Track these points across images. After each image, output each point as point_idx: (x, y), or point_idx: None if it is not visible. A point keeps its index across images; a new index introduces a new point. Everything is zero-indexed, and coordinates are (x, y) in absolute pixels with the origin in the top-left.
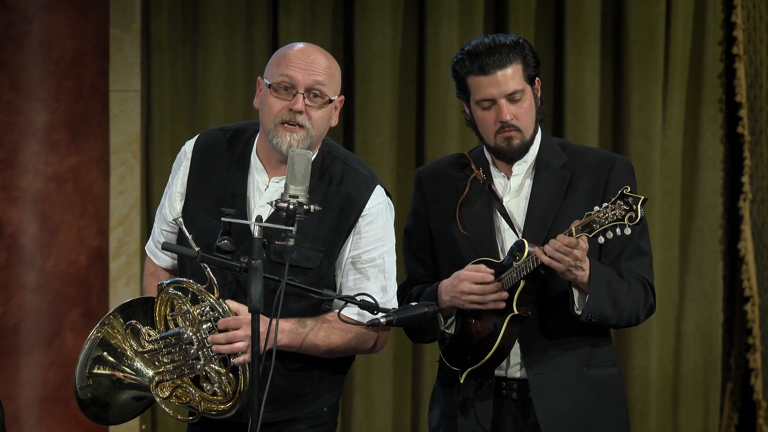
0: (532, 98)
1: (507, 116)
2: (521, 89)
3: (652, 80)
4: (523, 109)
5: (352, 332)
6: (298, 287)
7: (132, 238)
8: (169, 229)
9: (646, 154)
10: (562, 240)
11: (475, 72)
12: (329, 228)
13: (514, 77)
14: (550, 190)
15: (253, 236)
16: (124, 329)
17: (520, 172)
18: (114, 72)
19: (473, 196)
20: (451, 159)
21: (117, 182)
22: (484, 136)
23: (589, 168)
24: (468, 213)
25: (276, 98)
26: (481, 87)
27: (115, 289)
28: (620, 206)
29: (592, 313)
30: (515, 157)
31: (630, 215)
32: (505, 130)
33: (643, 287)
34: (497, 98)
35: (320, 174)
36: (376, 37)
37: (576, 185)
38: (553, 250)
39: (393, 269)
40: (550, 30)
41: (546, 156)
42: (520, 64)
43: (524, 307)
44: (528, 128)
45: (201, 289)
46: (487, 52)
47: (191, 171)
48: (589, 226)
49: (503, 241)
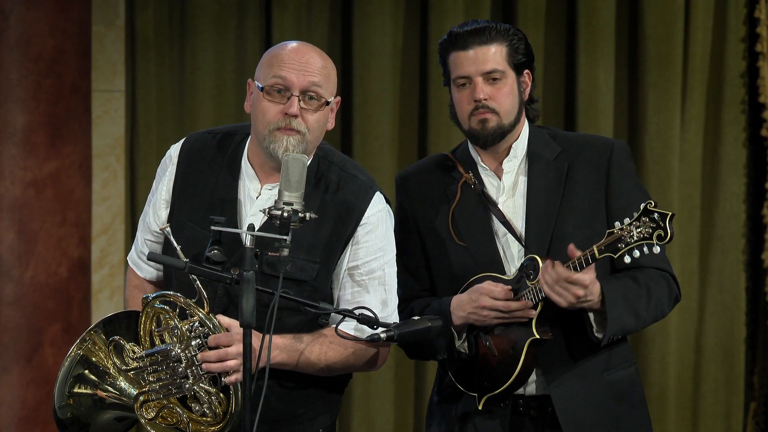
0: (515, 85)
1: (480, 94)
2: (501, 70)
3: (670, 79)
4: (502, 92)
5: (351, 348)
6: (294, 300)
7: (116, 248)
8: (154, 238)
9: (664, 159)
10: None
11: (455, 48)
12: (326, 238)
13: (495, 57)
14: (547, 185)
15: (245, 246)
16: (107, 346)
17: (512, 169)
18: (96, 71)
19: (466, 203)
20: (435, 161)
21: (100, 188)
22: (460, 119)
23: (586, 157)
24: (463, 222)
25: (269, 102)
26: (458, 63)
27: (97, 302)
28: (645, 223)
29: (614, 334)
30: (489, 141)
31: (659, 233)
32: (479, 110)
33: (665, 282)
34: (473, 75)
35: (315, 181)
36: (376, 34)
37: (575, 177)
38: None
39: (394, 281)
40: (561, 25)
41: (537, 148)
42: (504, 47)
43: (545, 330)
44: (506, 113)
45: (189, 303)
46: (470, 30)
47: (177, 177)
48: (613, 246)
49: (504, 249)
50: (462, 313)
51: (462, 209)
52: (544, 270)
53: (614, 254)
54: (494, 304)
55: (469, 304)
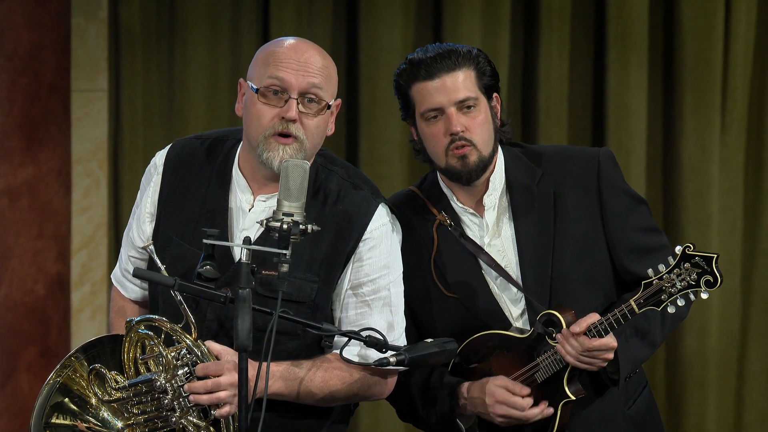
0: (489, 111)
1: (457, 126)
2: (474, 97)
3: (708, 78)
4: (477, 121)
5: (356, 375)
6: (295, 321)
7: (98, 264)
8: (138, 255)
9: (702, 166)
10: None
11: (420, 77)
12: (325, 254)
13: (465, 83)
14: (535, 218)
15: (240, 261)
16: (89, 373)
17: (493, 203)
18: (77, 68)
19: (447, 249)
20: (401, 199)
21: (80, 198)
22: (434, 156)
23: (572, 179)
24: (447, 271)
25: (264, 105)
26: (426, 94)
27: (77, 323)
28: (688, 269)
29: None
30: (472, 177)
31: (707, 279)
32: (456, 145)
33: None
34: (445, 107)
35: (314, 191)
36: (385, 28)
37: (564, 205)
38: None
39: (401, 302)
40: (588, 18)
41: (516, 175)
42: (472, 71)
43: (577, 388)
44: (484, 143)
45: (176, 328)
46: (434, 57)
47: (163, 187)
48: (655, 298)
49: (500, 295)
50: (473, 410)
51: (443, 257)
52: (564, 341)
53: (658, 307)
54: (509, 413)
55: (482, 406)
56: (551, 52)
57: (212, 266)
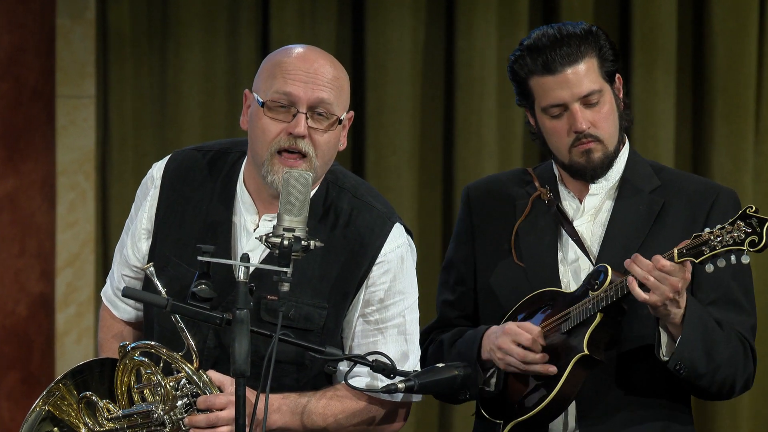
0: (613, 100)
1: (583, 124)
2: (598, 89)
3: (741, 82)
4: (603, 114)
5: (363, 404)
6: (295, 344)
7: (84, 283)
8: (133, 274)
9: (735, 176)
10: (657, 262)
11: (538, 71)
12: (335, 278)
13: (589, 75)
14: (634, 217)
15: (238, 280)
16: (78, 402)
17: (599, 192)
18: (62, 73)
19: (535, 220)
20: (509, 175)
21: (65, 212)
22: (557, 151)
23: (686, 197)
24: (527, 240)
25: (271, 119)
26: (547, 90)
27: (62, 347)
28: (740, 228)
29: (682, 361)
30: (597, 174)
31: (752, 239)
32: (581, 141)
33: (743, 348)
34: (569, 102)
35: (324, 211)
36: (394, 29)
37: (668, 215)
38: (646, 273)
39: (416, 330)
40: (612, 20)
41: (633, 177)
42: (595, 58)
43: (597, 349)
44: (611, 138)
45: (175, 356)
46: (552, 45)
47: (161, 202)
48: (697, 249)
49: (569, 275)
50: (486, 349)
51: (528, 225)
52: (633, 260)
53: (696, 259)
54: (510, 348)
55: (492, 341)
56: None
57: (208, 285)
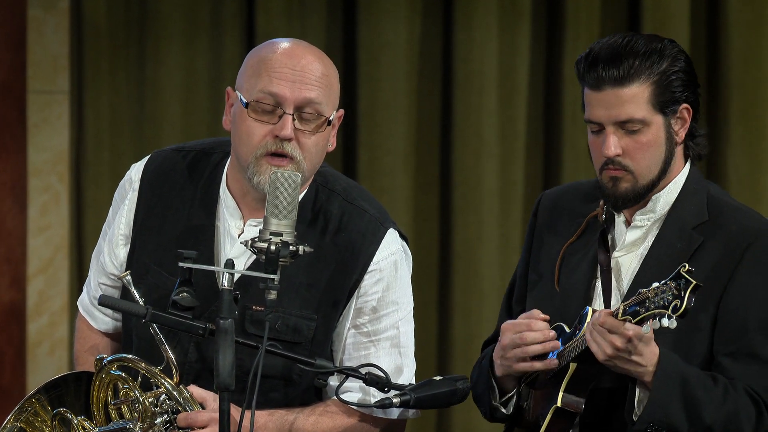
0: (662, 132)
1: (611, 151)
2: (640, 119)
3: (757, 77)
4: (640, 144)
5: (355, 420)
6: (282, 355)
7: (57, 291)
8: (110, 282)
9: (752, 177)
10: (598, 318)
11: (589, 83)
12: (325, 288)
13: (635, 101)
14: (670, 253)
15: (222, 288)
16: (52, 418)
17: (643, 224)
18: (34, 67)
19: (585, 242)
20: (585, 184)
21: (37, 215)
22: (594, 164)
23: (725, 237)
24: (570, 263)
25: (256, 121)
26: (589, 104)
27: (34, 359)
28: (671, 289)
29: (653, 422)
30: (620, 204)
31: (675, 303)
32: (609, 167)
33: (753, 403)
34: (605, 124)
35: (313, 216)
36: (388, 22)
37: (703, 254)
38: (591, 328)
39: (411, 343)
40: (621, 12)
41: (682, 209)
42: (649, 84)
43: (572, 400)
44: (644, 170)
45: (154, 371)
46: (607, 61)
47: (139, 206)
48: (635, 309)
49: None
50: (497, 361)
51: (576, 248)
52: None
53: (633, 319)
54: (512, 340)
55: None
56: (578, 49)
57: (189, 293)
